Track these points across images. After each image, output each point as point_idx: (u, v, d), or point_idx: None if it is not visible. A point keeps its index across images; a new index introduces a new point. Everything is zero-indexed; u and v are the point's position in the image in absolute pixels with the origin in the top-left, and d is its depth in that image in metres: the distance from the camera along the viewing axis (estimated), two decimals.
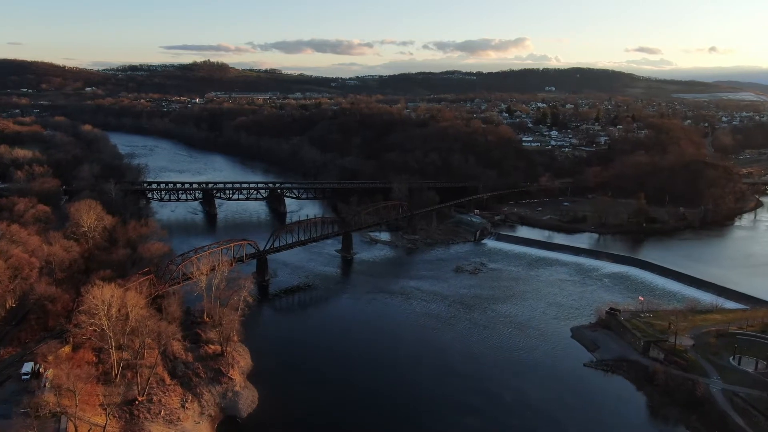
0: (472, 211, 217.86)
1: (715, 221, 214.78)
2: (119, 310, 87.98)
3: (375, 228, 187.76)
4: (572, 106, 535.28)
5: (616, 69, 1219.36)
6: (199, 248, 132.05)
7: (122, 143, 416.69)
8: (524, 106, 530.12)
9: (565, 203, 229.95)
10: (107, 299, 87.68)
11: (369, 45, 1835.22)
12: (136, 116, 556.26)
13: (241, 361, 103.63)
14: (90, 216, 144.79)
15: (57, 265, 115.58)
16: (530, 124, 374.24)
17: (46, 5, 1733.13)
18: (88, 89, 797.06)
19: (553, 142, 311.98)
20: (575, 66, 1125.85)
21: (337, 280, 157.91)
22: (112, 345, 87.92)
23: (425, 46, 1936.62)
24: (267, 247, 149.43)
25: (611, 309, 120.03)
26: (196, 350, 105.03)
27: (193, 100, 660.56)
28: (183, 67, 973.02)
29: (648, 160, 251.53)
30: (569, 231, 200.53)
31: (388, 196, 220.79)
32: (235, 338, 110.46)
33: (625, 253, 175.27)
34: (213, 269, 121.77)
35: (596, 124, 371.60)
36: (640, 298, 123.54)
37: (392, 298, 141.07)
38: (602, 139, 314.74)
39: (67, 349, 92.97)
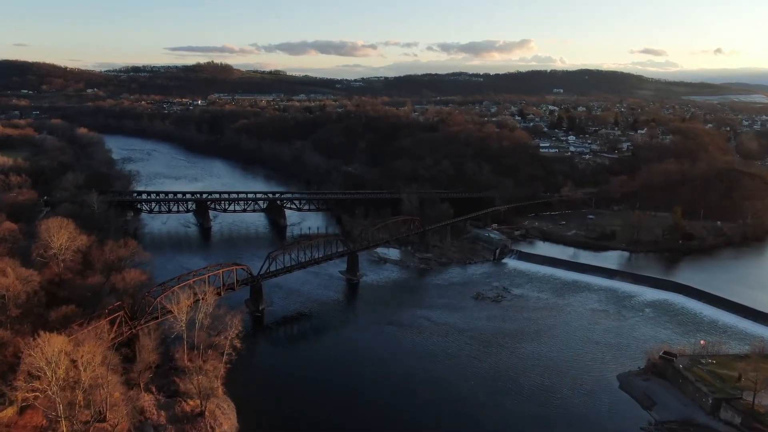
0: (489, 225, 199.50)
1: (757, 236, 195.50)
2: (68, 373, 70.33)
3: (383, 244, 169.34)
4: (584, 108, 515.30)
5: (624, 71, 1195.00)
6: (182, 275, 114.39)
7: (119, 147, 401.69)
8: (535, 108, 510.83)
9: (590, 216, 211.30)
10: (55, 356, 70.20)
11: (373, 46, 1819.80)
12: (136, 118, 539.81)
13: (224, 423, 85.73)
14: (61, 235, 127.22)
15: (11, 300, 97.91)
16: (545, 128, 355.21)
17: (51, 6, 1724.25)
18: (89, 90, 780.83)
19: (572, 148, 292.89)
20: (582, 67, 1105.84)
21: (341, 309, 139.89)
22: (60, 413, 70.46)
23: (429, 48, 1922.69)
24: (262, 272, 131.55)
25: (666, 353, 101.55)
26: (171, 407, 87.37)
27: (195, 102, 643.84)
28: (186, 69, 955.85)
29: (677, 169, 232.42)
30: (597, 248, 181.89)
31: (396, 207, 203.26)
32: (220, 390, 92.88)
33: (663, 275, 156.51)
34: (198, 301, 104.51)
35: (616, 128, 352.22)
36: (702, 342, 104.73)
37: (402, 332, 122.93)
38: (625, 145, 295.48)
39: (10, 411, 75.65)
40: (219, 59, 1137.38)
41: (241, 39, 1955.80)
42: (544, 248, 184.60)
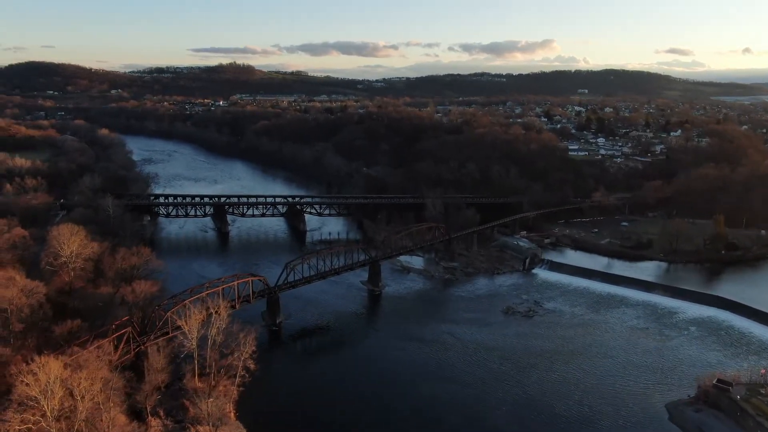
0: (517, 232, 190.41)
1: None
2: (62, 403, 64.05)
3: (407, 252, 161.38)
4: (611, 109, 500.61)
5: (650, 71, 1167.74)
6: (195, 287, 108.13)
7: (141, 148, 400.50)
8: (561, 109, 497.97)
9: (624, 223, 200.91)
10: (50, 384, 64.02)
11: (394, 47, 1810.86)
12: (158, 119, 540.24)
13: None
14: (72, 242, 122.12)
15: (14, 314, 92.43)
16: (573, 130, 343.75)
17: (79, 8, 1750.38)
18: (113, 91, 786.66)
19: (602, 151, 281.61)
20: (606, 67, 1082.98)
21: (362, 322, 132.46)
22: None
23: (451, 48, 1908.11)
24: (279, 283, 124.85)
25: (720, 381, 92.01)
26: None
27: (217, 103, 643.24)
28: (209, 69, 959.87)
29: (717, 173, 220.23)
30: (632, 258, 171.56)
31: (420, 212, 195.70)
32: (232, 415, 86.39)
33: (706, 289, 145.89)
34: (211, 314, 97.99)
35: (647, 130, 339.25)
36: (762, 371, 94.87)
37: (427, 350, 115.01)
38: (658, 148, 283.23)
39: None
40: (241, 60, 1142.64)
41: (263, 40, 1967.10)
42: (575, 257, 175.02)
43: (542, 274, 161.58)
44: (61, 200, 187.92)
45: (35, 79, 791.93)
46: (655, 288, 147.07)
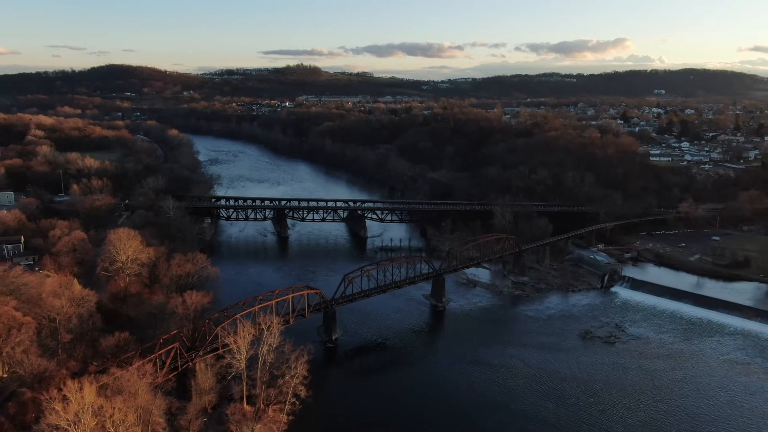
0: (593, 244, 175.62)
1: None
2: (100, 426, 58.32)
3: (474, 265, 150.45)
4: (693, 111, 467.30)
5: (733, 70, 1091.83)
6: (247, 300, 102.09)
7: (207, 148, 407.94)
8: (637, 111, 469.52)
9: (714, 237, 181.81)
10: (82, 412, 58.47)
11: (459, 47, 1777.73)
12: (226, 120, 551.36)
13: None
14: (128, 247, 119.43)
15: (62, 324, 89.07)
16: (654, 134, 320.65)
17: (157, 14, 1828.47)
18: (185, 93, 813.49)
19: (688, 157, 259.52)
20: (685, 67, 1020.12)
21: (424, 341, 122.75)
22: None
23: (518, 48, 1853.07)
24: (337, 296, 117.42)
25: None
26: None
27: (283, 104, 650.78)
28: (276, 71, 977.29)
29: None
30: (727, 278, 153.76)
31: (487, 220, 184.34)
32: None
33: None
34: (266, 329, 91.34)
35: (738, 134, 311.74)
36: None
37: (493, 376, 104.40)
38: (752, 154, 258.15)
39: None
40: (308, 62, 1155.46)
41: (329, 42, 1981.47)
42: (659, 275, 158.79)
43: (623, 293, 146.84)
44: (126, 201, 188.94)
45: (114, 81, 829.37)
46: (757, 314, 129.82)
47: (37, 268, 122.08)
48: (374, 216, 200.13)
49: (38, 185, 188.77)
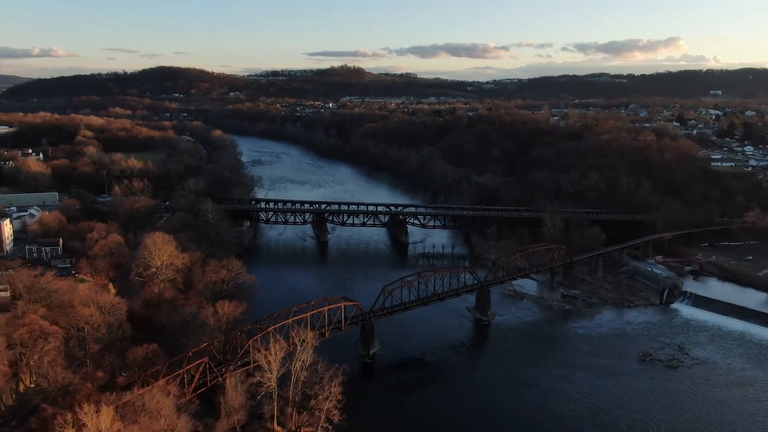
0: (650, 256, 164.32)
1: None
2: None
3: (521, 276, 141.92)
4: (754, 113, 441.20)
5: None
6: (281, 312, 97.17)
7: (251, 149, 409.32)
8: (693, 113, 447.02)
9: None
10: None
11: (505, 48, 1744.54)
12: (270, 121, 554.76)
13: None
14: (163, 252, 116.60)
15: (90, 334, 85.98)
16: (714, 137, 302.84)
17: (207, 16, 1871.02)
18: (231, 94, 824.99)
19: (753, 162, 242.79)
20: (743, 66, 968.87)
21: (467, 358, 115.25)
22: None
23: (564, 48, 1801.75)
24: (375, 308, 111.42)
25: None
26: None
27: (326, 105, 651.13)
28: (320, 72, 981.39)
29: None
30: None
31: (534, 228, 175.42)
32: None
33: None
34: (299, 343, 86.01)
35: None
36: None
37: (540, 399, 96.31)
38: None
39: None
40: (352, 63, 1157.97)
41: (373, 43, 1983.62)
42: (724, 291, 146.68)
43: (684, 310, 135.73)
44: (167, 202, 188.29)
45: (164, 82, 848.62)
46: None
47: (74, 272, 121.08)
48: (416, 221, 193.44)
49: (82, 186, 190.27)
